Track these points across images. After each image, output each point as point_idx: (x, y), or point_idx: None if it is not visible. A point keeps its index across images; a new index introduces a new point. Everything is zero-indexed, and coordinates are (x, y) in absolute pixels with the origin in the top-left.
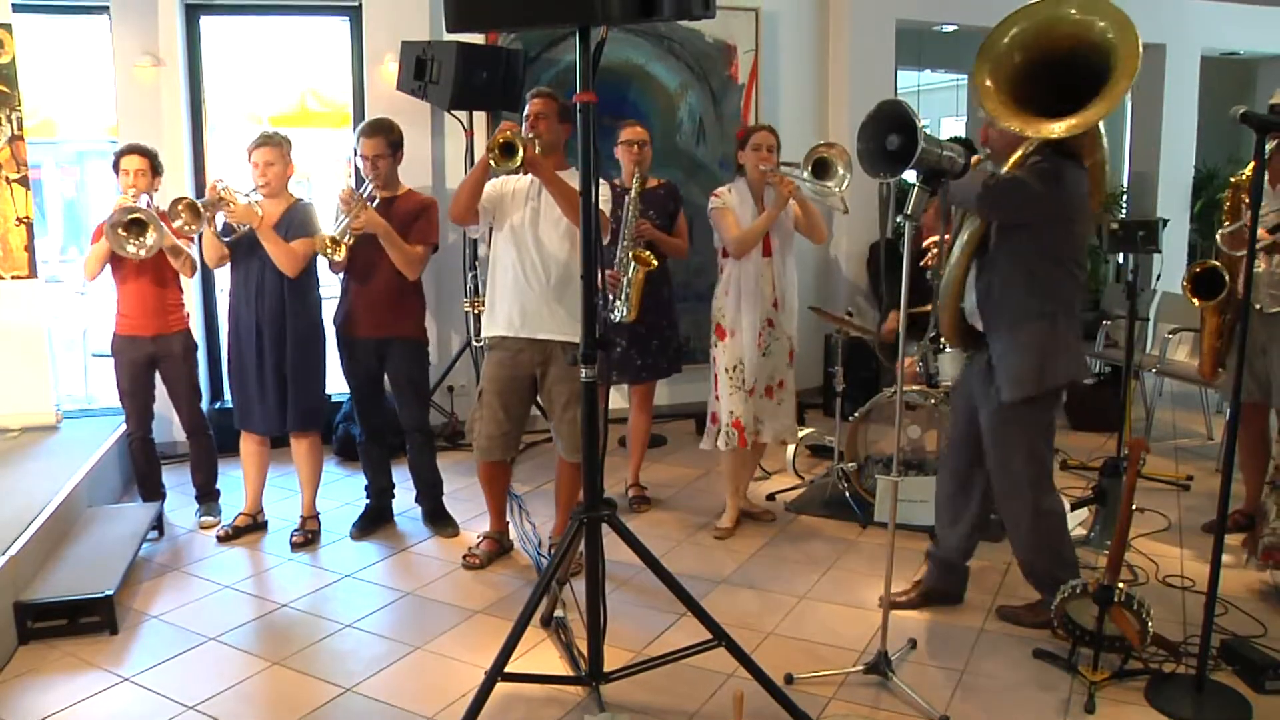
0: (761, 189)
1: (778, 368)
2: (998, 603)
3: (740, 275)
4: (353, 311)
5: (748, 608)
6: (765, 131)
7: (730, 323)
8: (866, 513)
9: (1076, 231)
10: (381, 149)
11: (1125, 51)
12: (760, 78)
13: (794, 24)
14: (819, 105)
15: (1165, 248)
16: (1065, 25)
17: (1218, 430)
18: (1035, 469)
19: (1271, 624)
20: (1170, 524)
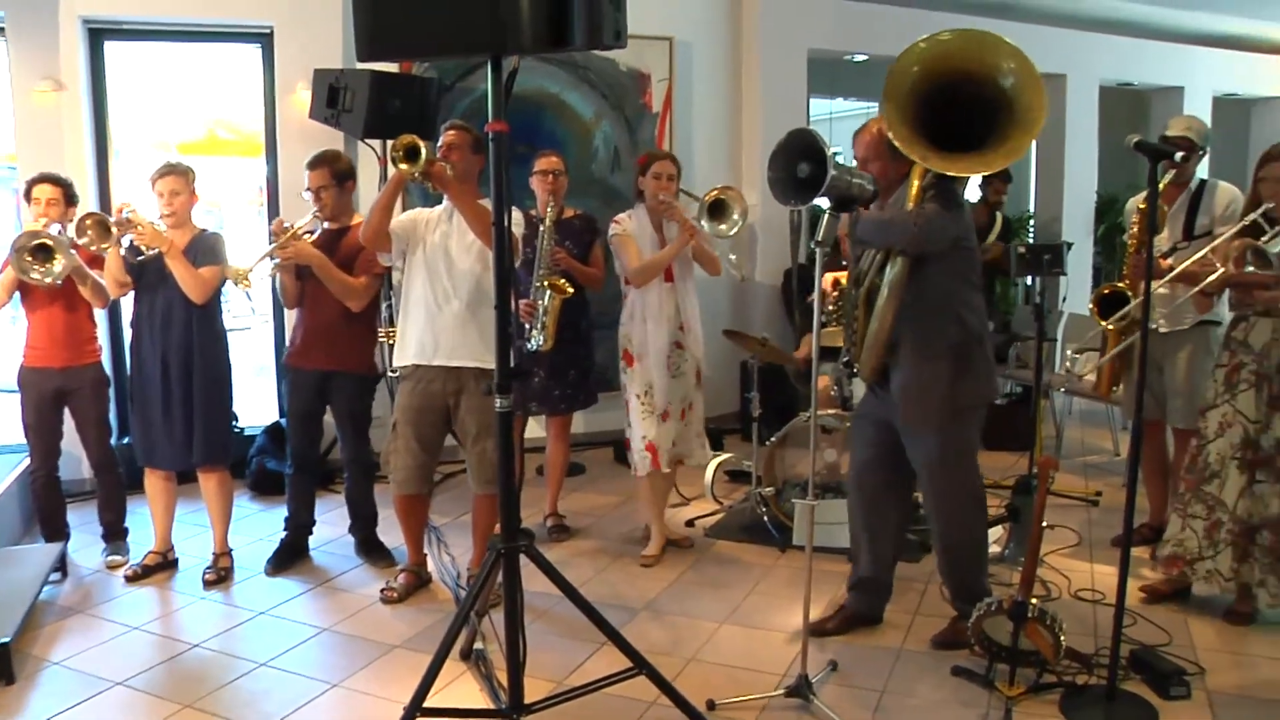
0: (659, 217)
1: (688, 390)
2: (917, 622)
3: (644, 301)
4: (300, 342)
5: (668, 634)
6: (666, 160)
7: (638, 348)
8: (785, 536)
9: (975, 251)
10: (325, 180)
11: (1030, 105)
12: (674, 106)
13: (707, 53)
14: (732, 133)
15: (1070, 270)
16: (972, 64)
17: (1124, 446)
18: (963, 490)
19: (1177, 632)
20: (1081, 539)
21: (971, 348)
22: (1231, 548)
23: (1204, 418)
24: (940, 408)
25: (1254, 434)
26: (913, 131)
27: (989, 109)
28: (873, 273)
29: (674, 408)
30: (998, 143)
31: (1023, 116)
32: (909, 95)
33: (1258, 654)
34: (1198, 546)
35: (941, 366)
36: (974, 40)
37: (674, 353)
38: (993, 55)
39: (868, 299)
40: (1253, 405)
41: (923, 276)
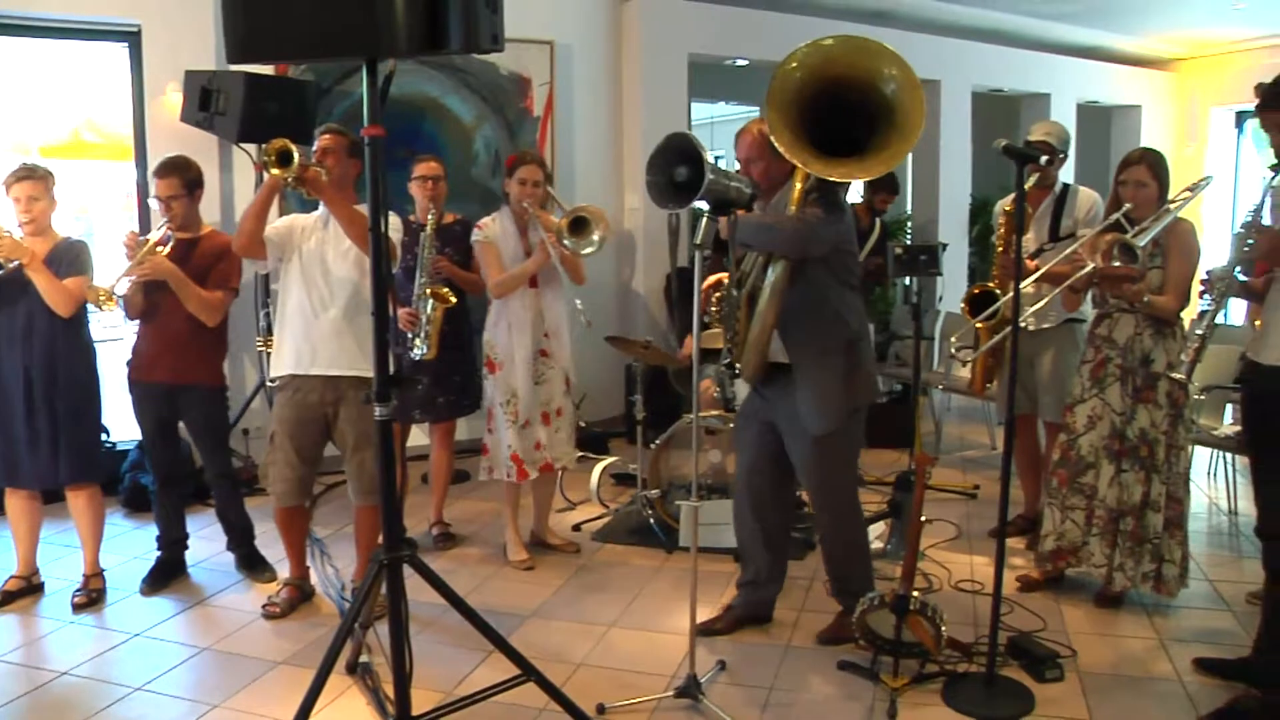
0: (525, 221)
1: (554, 395)
2: (804, 619)
3: (509, 308)
4: (145, 354)
5: (557, 640)
6: (533, 165)
7: (501, 355)
8: (671, 538)
9: (856, 253)
10: (176, 189)
11: (909, 112)
12: (555, 110)
13: (588, 57)
14: (614, 137)
15: (946, 270)
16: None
17: (1000, 440)
18: (849, 488)
19: (1051, 618)
20: (960, 532)
21: (853, 351)
22: (1101, 534)
23: (1072, 412)
24: (826, 411)
25: (1120, 425)
26: (795, 136)
27: (870, 115)
28: (754, 275)
29: (534, 414)
30: (878, 148)
31: (903, 123)
32: (792, 100)
33: (1125, 634)
34: (1080, 536)
35: (822, 368)
36: (857, 47)
37: (538, 360)
38: (875, 62)
39: (749, 301)
40: (1118, 398)
41: (804, 279)
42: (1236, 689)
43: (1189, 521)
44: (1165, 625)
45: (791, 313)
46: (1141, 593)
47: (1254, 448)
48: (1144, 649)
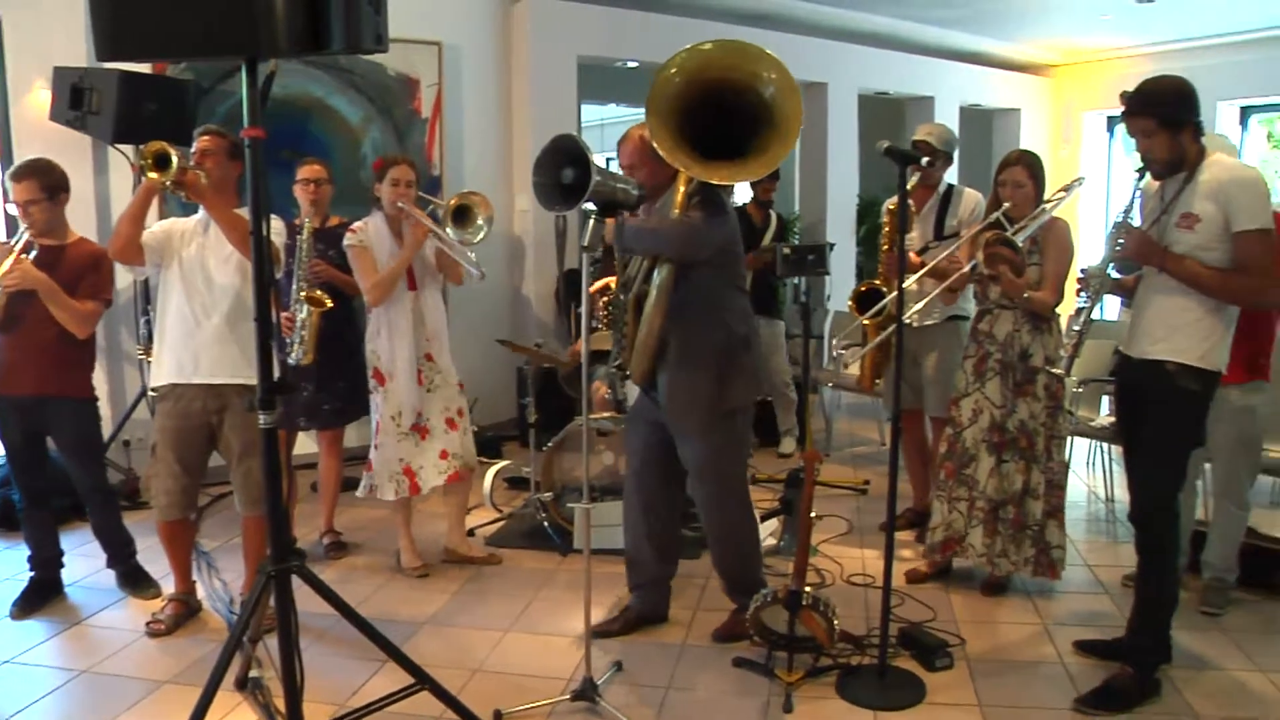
0: (399, 224)
1: (450, 399)
2: (699, 618)
3: (389, 314)
4: (8, 365)
5: (452, 647)
6: (404, 165)
7: (387, 365)
8: (566, 541)
9: (740, 255)
10: (34, 193)
11: (788, 115)
12: (444, 112)
13: (477, 58)
14: (503, 139)
15: (835, 270)
16: (733, 73)
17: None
18: (737, 486)
19: (941, 608)
20: (851, 527)
21: (737, 350)
22: (983, 524)
23: (957, 407)
24: (709, 409)
25: (1000, 418)
26: (675, 140)
27: (750, 117)
28: (640, 279)
29: (435, 422)
30: (758, 151)
31: (781, 125)
32: (672, 104)
33: (1010, 620)
34: (965, 526)
35: (708, 369)
36: (735, 50)
37: (425, 365)
38: (753, 65)
39: (636, 304)
40: (999, 392)
41: (689, 281)
42: (1113, 668)
43: (1068, 509)
44: (1048, 610)
45: (677, 315)
46: (1025, 580)
47: (1125, 436)
48: (1028, 634)
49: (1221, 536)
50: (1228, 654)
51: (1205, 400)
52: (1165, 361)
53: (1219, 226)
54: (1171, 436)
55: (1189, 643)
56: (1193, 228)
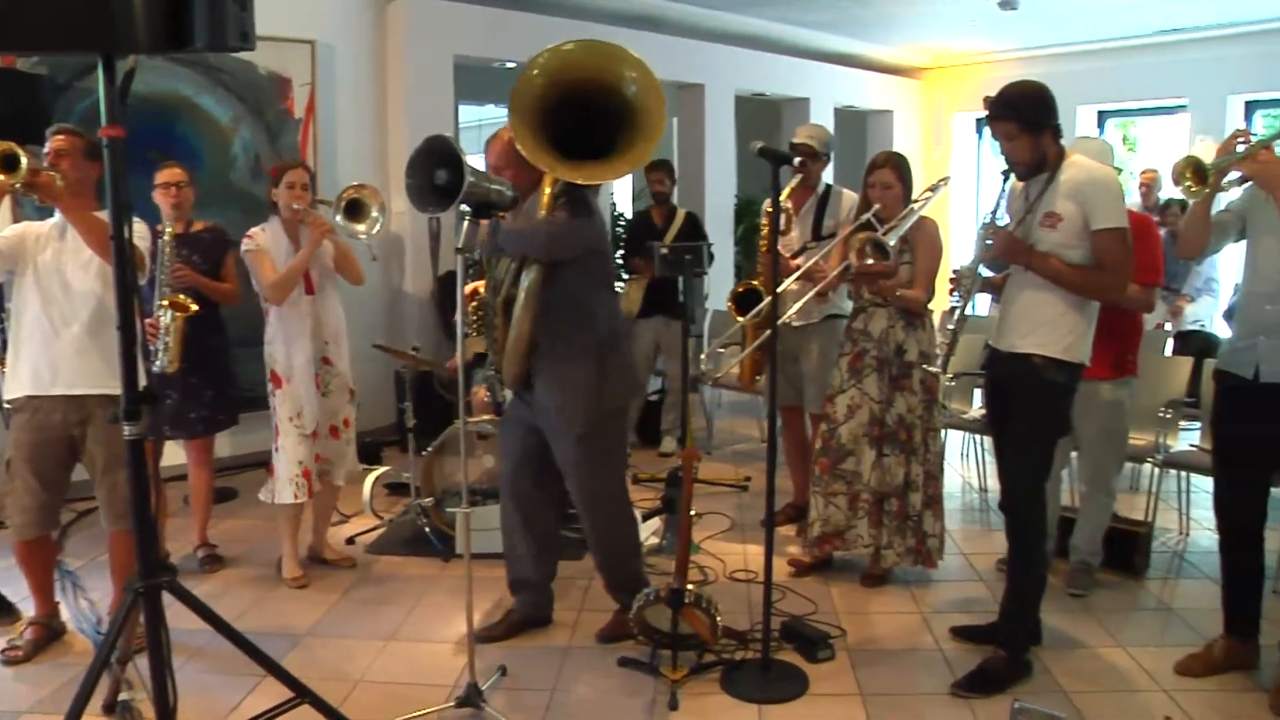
0: (295, 228)
1: (340, 407)
2: (583, 618)
3: (286, 317)
4: None
5: (333, 658)
6: (299, 169)
7: (284, 368)
8: (448, 546)
9: (609, 255)
10: None
11: (651, 114)
12: (318, 112)
13: (351, 58)
14: (379, 140)
15: (715, 270)
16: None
17: None
18: (616, 487)
19: (822, 600)
20: (734, 523)
21: (609, 351)
22: (867, 516)
23: (832, 403)
24: (583, 410)
25: (879, 413)
26: (540, 141)
27: (613, 117)
28: (508, 282)
29: (322, 426)
30: (622, 151)
31: (645, 124)
32: (535, 105)
33: (889, 609)
34: (845, 520)
35: (581, 370)
36: (597, 50)
37: (322, 369)
38: (616, 65)
39: (505, 307)
40: (876, 387)
41: (557, 283)
42: (987, 651)
43: (944, 500)
44: (925, 598)
45: (547, 317)
46: (905, 569)
47: (995, 428)
48: (907, 622)
49: (1089, 523)
50: (1093, 633)
51: (1069, 391)
52: (1032, 355)
53: (1079, 225)
54: (1038, 426)
55: (1058, 624)
56: (1055, 227)
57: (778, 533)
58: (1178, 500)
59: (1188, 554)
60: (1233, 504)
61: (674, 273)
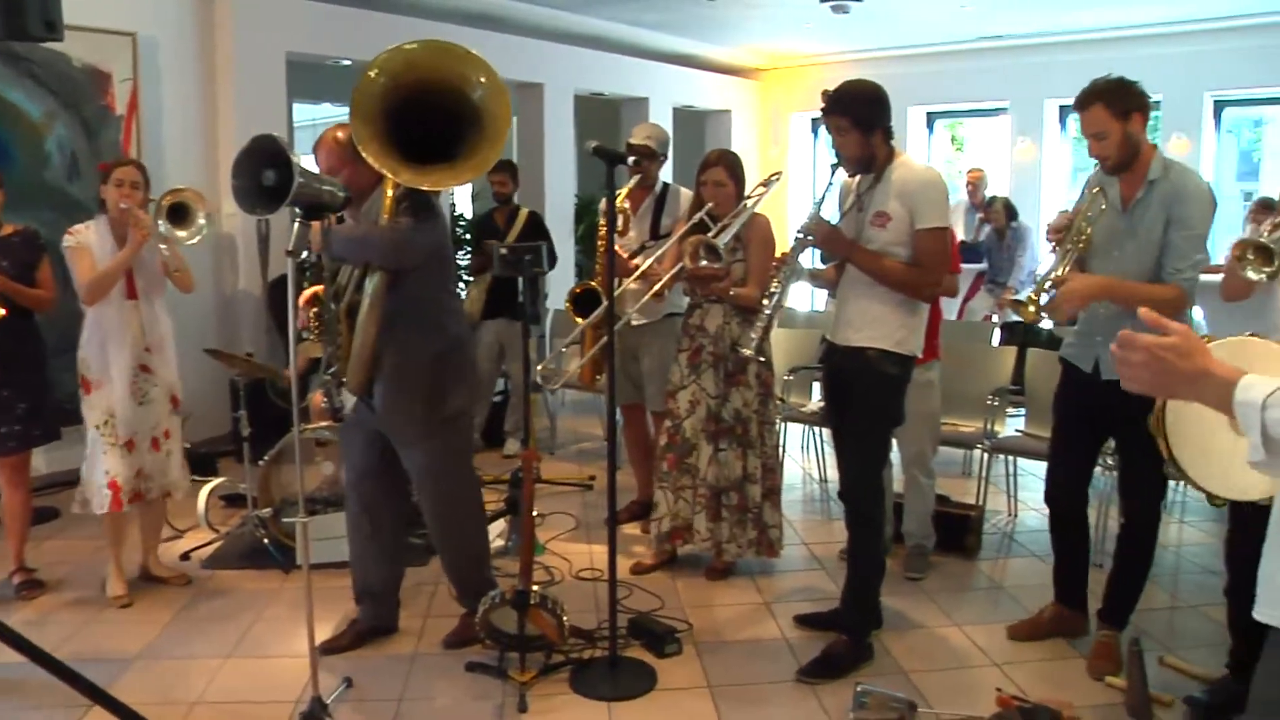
0: (123, 229)
1: (160, 417)
2: (429, 625)
3: (104, 321)
4: None
5: (168, 681)
6: (130, 167)
7: (97, 373)
8: (288, 558)
9: (452, 258)
10: None
11: (496, 117)
12: (142, 108)
13: (176, 52)
14: (208, 139)
15: (555, 270)
16: (441, 75)
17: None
18: (464, 491)
19: (668, 595)
20: (579, 522)
21: (455, 355)
22: (705, 510)
23: (674, 399)
24: (429, 415)
25: (715, 408)
26: (383, 145)
27: (458, 120)
28: (352, 288)
29: (141, 437)
30: (468, 154)
31: (490, 127)
32: (377, 107)
33: (734, 601)
34: (691, 514)
35: (426, 375)
36: (440, 51)
37: (140, 377)
38: (460, 67)
39: (349, 313)
40: (713, 383)
41: (402, 288)
42: (830, 637)
43: (785, 491)
44: (769, 588)
45: (392, 323)
46: (749, 560)
47: (833, 419)
48: (752, 613)
49: (917, 506)
50: (929, 613)
51: (904, 382)
52: (867, 349)
53: (907, 224)
54: (874, 417)
55: (896, 606)
56: (885, 226)
57: (624, 530)
58: (1006, 484)
59: (1016, 534)
60: (1063, 484)
61: (513, 273)
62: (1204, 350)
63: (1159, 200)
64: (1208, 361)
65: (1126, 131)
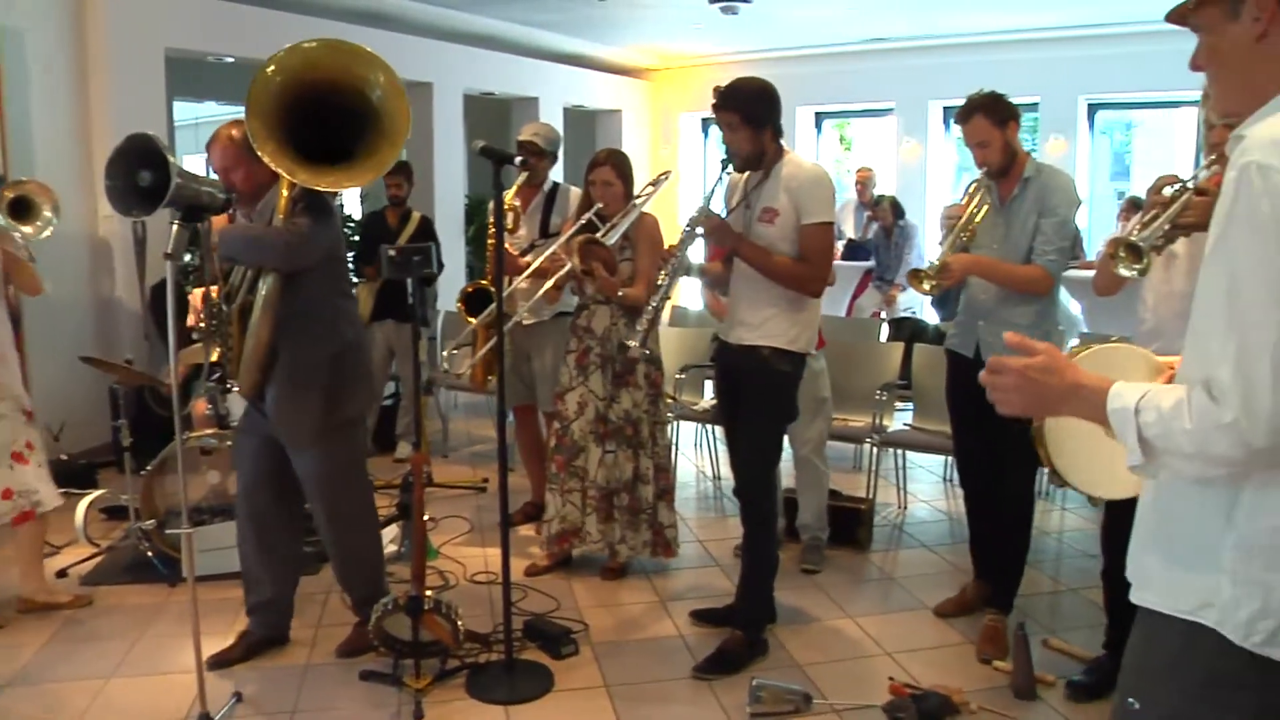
0: None
1: (16, 431)
2: (321, 635)
3: None
4: None
5: (44, 706)
6: None
7: None
8: (174, 570)
9: (346, 261)
10: None
11: (395, 118)
12: (7, 104)
13: (45, 45)
14: (81, 137)
15: (446, 269)
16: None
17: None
18: (357, 497)
19: (564, 597)
20: (473, 526)
21: (349, 358)
22: (597, 512)
23: (563, 400)
24: (323, 420)
25: (604, 410)
26: (279, 144)
27: (357, 121)
28: (244, 288)
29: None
30: (366, 155)
31: (389, 128)
32: (273, 106)
33: (630, 601)
34: (580, 517)
35: (320, 379)
36: (341, 51)
37: None
38: (359, 67)
39: (241, 315)
40: (601, 384)
41: (296, 289)
42: (725, 633)
43: (678, 490)
44: (664, 586)
45: (286, 325)
46: (644, 560)
47: (726, 417)
48: (648, 611)
49: (812, 497)
50: (824, 606)
51: (796, 379)
52: (760, 346)
53: (794, 220)
54: (768, 414)
55: (791, 600)
56: (773, 221)
57: (519, 532)
58: (895, 477)
59: (906, 526)
60: (970, 467)
61: (402, 275)
62: (1071, 365)
63: (1031, 196)
64: (1076, 375)
65: (1006, 138)
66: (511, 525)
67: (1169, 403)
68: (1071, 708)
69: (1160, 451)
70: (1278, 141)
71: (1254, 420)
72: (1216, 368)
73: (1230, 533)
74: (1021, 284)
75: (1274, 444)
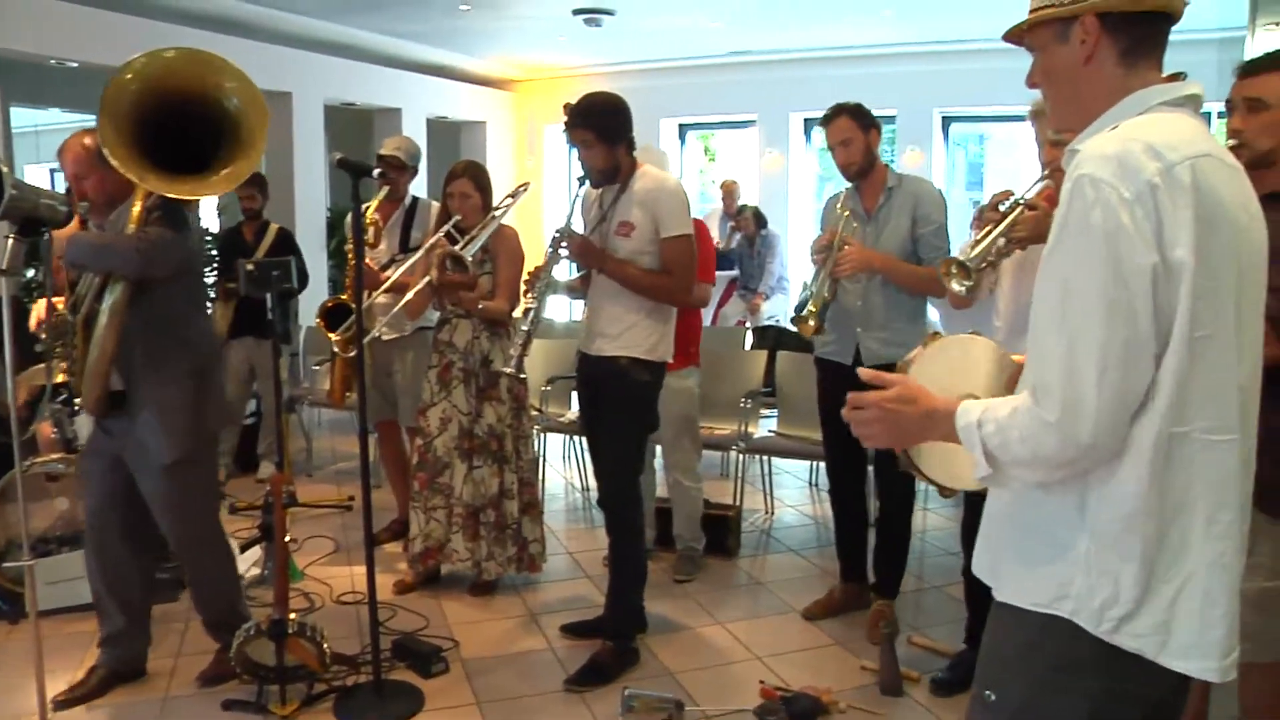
0: None
1: None
2: (181, 664)
3: None
4: None
5: None
6: None
7: None
8: (16, 606)
9: (201, 275)
10: None
11: (252, 129)
12: None
13: None
14: None
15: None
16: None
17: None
18: (209, 518)
19: (433, 615)
20: (339, 545)
21: (204, 376)
22: (463, 530)
23: (425, 416)
24: (179, 441)
25: (468, 425)
26: (132, 152)
27: (213, 130)
28: (90, 297)
29: None
30: (221, 165)
31: (246, 139)
32: (128, 113)
33: (500, 616)
34: (444, 533)
35: (176, 398)
36: (199, 60)
37: None
38: (217, 76)
39: (85, 325)
40: (464, 399)
41: (147, 300)
42: (596, 645)
43: (547, 502)
44: (534, 600)
45: (134, 337)
46: (512, 575)
47: (589, 428)
48: (518, 626)
49: (684, 510)
50: (694, 614)
51: (656, 388)
52: (619, 356)
53: (650, 233)
54: (630, 424)
55: (662, 609)
56: (629, 235)
57: (386, 550)
58: (762, 483)
59: (774, 531)
60: (840, 474)
61: (261, 291)
62: (925, 392)
63: (900, 204)
64: (931, 401)
65: (868, 142)
66: (377, 543)
67: (1005, 411)
68: (936, 702)
69: (1003, 462)
70: (1108, 156)
71: (1078, 417)
72: (1047, 370)
73: (1084, 528)
74: (925, 284)
75: (1101, 440)
